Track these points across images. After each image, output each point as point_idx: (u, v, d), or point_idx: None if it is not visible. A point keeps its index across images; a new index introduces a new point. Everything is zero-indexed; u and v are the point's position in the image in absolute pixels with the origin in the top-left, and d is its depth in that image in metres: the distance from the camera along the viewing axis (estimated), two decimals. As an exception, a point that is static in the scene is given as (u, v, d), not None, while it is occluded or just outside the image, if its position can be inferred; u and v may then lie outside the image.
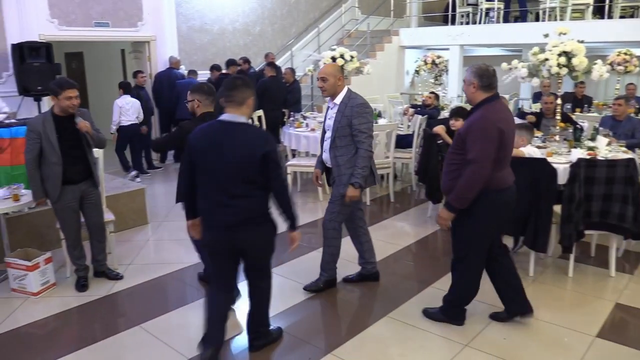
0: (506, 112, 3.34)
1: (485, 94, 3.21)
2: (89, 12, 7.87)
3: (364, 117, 3.74)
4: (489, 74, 3.20)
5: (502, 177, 3.25)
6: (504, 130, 3.14)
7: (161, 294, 4.30)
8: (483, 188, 3.16)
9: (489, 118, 3.14)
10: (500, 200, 3.27)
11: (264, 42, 10.51)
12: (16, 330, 3.66)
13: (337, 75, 3.78)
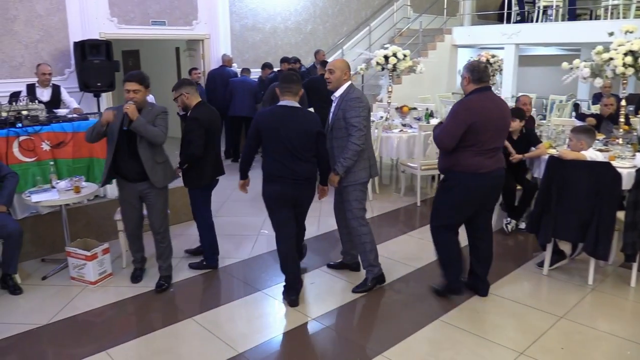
0: (489, 102, 3.61)
1: (475, 86, 3.62)
2: (146, 11, 8.09)
3: (355, 110, 3.83)
4: (479, 69, 3.63)
5: (480, 162, 3.57)
6: (475, 118, 3.49)
7: (212, 288, 4.37)
8: (458, 170, 3.62)
9: (464, 105, 3.60)
10: (474, 183, 3.63)
11: (315, 40, 10.52)
12: (74, 317, 3.80)
13: (344, 70, 3.98)
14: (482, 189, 3.69)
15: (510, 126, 4.05)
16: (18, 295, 4.12)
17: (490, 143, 3.59)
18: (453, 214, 3.80)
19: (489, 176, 3.64)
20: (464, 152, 3.58)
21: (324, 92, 7.79)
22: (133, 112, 3.88)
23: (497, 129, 3.62)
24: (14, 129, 4.65)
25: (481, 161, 3.59)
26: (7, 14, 6.79)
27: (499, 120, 3.62)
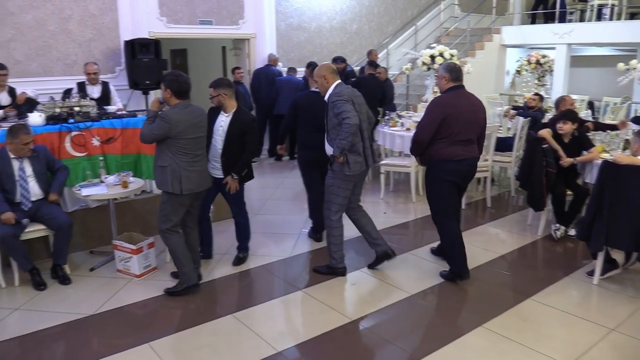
0: (461, 98, 4.04)
1: (452, 84, 4.05)
2: (194, 11, 8.22)
3: (337, 106, 4.06)
4: (456, 70, 4.08)
5: (454, 151, 4.01)
6: (447, 112, 3.95)
7: (253, 285, 4.39)
8: (436, 159, 4.08)
9: (437, 102, 4.11)
10: (448, 167, 4.06)
11: (361, 40, 10.46)
12: (119, 309, 3.89)
13: (322, 75, 4.22)
14: (458, 173, 4.11)
15: (484, 120, 4.24)
16: (67, 286, 4.26)
17: (463, 135, 4.01)
18: (444, 199, 4.19)
19: (463, 163, 4.09)
20: (440, 143, 4.02)
21: (372, 92, 7.78)
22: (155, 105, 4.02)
23: (469, 122, 4.04)
24: (66, 125, 4.80)
25: (455, 150, 4.01)
26: (62, 13, 7.03)
27: (470, 114, 4.05)
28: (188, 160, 3.87)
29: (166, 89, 3.83)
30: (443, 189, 4.15)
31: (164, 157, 3.89)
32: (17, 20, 6.74)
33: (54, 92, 5.85)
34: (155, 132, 3.82)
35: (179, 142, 3.81)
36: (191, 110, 3.89)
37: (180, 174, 3.84)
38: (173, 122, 3.76)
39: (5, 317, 3.79)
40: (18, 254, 4.16)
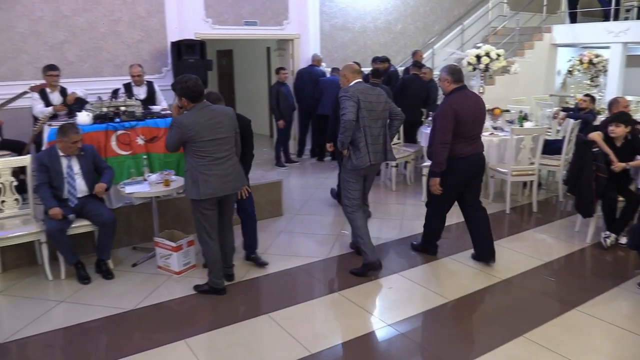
0: (466, 99, 4.31)
1: (455, 85, 4.30)
2: (239, 12, 8.32)
3: (341, 103, 4.30)
4: (458, 72, 4.35)
5: (462, 148, 4.28)
6: (459, 112, 4.19)
7: (290, 285, 4.39)
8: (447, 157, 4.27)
9: (448, 103, 4.28)
10: (458, 166, 4.32)
11: (405, 40, 10.34)
12: (158, 304, 3.97)
13: (343, 74, 4.51)
14: (465, 169, 4.38)
15: (485, 116, 4.53)
16: (110, 280, 4.38)
17: (470, 132, 4.32)
18: (448, 194, 4.47)
19: (470, 159, 4.37)
20: (452, 142, 4.26)
21: (416, 92, 7.68)
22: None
23: (475, 119, 4.34)
24: (112, 124, 4.94)
25: (462, 147, 4.30)
26: (112, 15, 7.25)
27: (476, 112, 4.34)
28: (205, 163, 3.80)
29: (180, 97, 3.81)
30: (451, 184, 4.42)
31: (186, 161, 3.91)
32: (71, 22, 6.99)
33: (102, 92, 6.04)
34: (172, 139, 3.82)
35: (195, 145, 3.77)
36: (207, 112, 3.82)
37: (197, 178, 3.80)
38: (184, 126, 3.73)
39: (51, 309, 3.93)
40: (64, 248, 4.30)
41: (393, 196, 6.79)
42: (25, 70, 6.73)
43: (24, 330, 3.61)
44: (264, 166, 7.87)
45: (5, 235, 4.20)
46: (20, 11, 6.65)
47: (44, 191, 4.28)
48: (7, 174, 4.43)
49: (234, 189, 4.02)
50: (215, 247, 4.06)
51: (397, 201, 6.56)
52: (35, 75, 6.39)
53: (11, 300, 4.07)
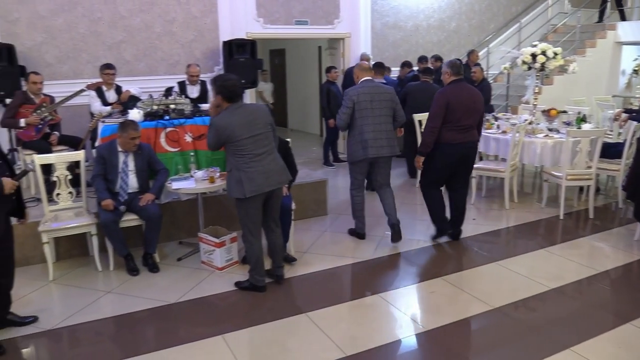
0: (461, 90, 4.74)
1: (453, 78, 4.76)
2: (290, 11, 8.37)
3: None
4: (457, 66, 4.79)
5: (452, 136, 4.72)
6: (451, 101, 4.65)
7: (330, 285, 4.36)
8: (438, 141, 4.74)
9: (442, 92, 4.76)
10: (448, 150, 4.77)
11: (459, 38, 10.10)
12: (200, 299, 4.03)
13: (355, 73, 5.09)
14: (456, 155, 4.80)
15: (480, 109, 4.84)
16: (155, 273, 4.49)
17: (462, 121, 4.71)
18: (436, 173, 4.96)
19: (461, 146, 4.77)
20: (443, 129, 4.72)
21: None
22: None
23: (467, 110, 4.71)
24: (162, 121, 5.07)
25: (454, 135, 4.73)
26: (167, 16, 7.45)
27: (469, 103, 4.72)
28: (247, 160, 3.82)
29: (216, 95, 3.83)
30: (438, 166, 4.89)
31: (228, 162, 3.95)
32: (128, 23, 7.24)
33: (156, 91, 6.21)
34: (211, 140, 3.88)
35: (234, 145, 3.80)
36: (242, 110, 3.84)
37: (240, 177, 3.82)
38: (220, 127, 3.77)
39: (99, 298, 4.07)
40: (116, 240, 4.45)
41: (441, 198, 6.64)
42: (85, 69, 7.03)
43: (73, 318, 3.76)
44: (311, 165, 7.88)
45: (59, 226, 4.39)
46: (81, 12, 6.95)
47: (98, 182, 4.45)
48: (62, 168, 4.62)
49: (278, 183, 4.01)
50: (258, 245, 4.07)
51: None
52: (94, 74, 6.65)
53: (62, 289, 4.25)
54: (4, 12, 6.54)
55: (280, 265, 4.29)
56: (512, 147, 6.00)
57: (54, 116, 5.55)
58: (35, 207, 4.95)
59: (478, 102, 4.80)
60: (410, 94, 7.22)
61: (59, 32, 6.86)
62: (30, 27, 6.71)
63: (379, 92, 4.88)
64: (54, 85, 6.50)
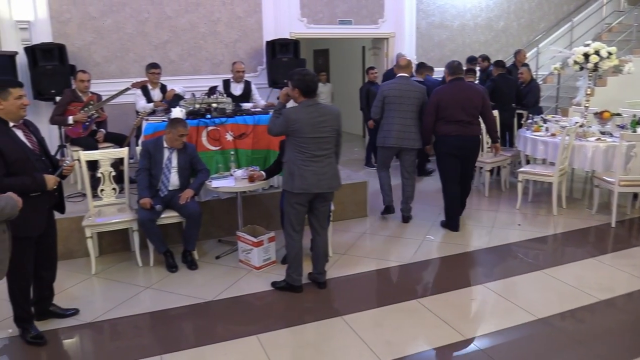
0: (455, 88, 5.18)
1: (451, 77, 5.25)
2: (334, 11, 8.33)
3: None
4: (454, 66, 5.26)
5: (448, 128, 5.13)
6: (442, 98, 5.14)
7: (368, 288, 4.28)
8: (438, 134, 5.26)
9: (435, 91, 5.29)
10: (445, 142, 5.20)
11: (507, 38, 9.82)
12: (236, 298, 4.03)
13: (394, 69, 5.83)
14: (453, 145, 5.16)
15: (477, 105, 5.16)
16: (194, 271, 4.53)
17: (455, 116, 5.10)
18: (444, 167, 5.33)
19: (457, 138, 5.13)
20: (439, 122, 5.19)
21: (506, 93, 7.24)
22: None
23: (460, 106, 5.10)
24: (203, 120, 5.11)
25: (449, 128, 5.13)
26: (212, 16, 7.54)
27: (463, 101, 5.11)
28: (304, 159, 3.82)
29: (294, 87, 3.83)
30: (444, 159, 5.29)
31: (286, 153, 3.96)
32: (174, 23, 7.36)
33: (200, 90, 6.28)
34: (276, 128, 3.93)
35: (297, 140, 3.82)
36: (314, 109, 3.83)
37: (294, 172, 3.84)
38: (289, 119, 3.79)
39: (138, 293, 4.13)
40: (154, 237, 4.51)
41: (485, 202, 6.45)
42: (131, 69, 7.18)
43: (113, 311, 3.83)
44: (352, 166, 7.80)
45: (102, 221, 4.48)
46: (129, 13, 7.11)
47: (142, 178, 4.53)
48: (106, 164, 4.72)
49: (329, 187, 3.96)
50: (299, 241, 4.05)
51: (489, 207, 6.22)
52: (140, 73, 6.78)
53: (104, 283, 4.34)
54: (56, 13, 6.76)
55: (322, 272, 4.21)
56: (562, 151, 5.76)
57: (100, 114, 5.69)
58: (81, 202, 5.09)
59: (475, 99, 5.17)
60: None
61: (108, 33, 7.04)
62: (81, 27, 6.91)
63: (409, 89, 5.41)
64: (101, 84, 6.68)
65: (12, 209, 2.67)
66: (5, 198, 2.66)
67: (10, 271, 3.28)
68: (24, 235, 3.24)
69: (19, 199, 2.76)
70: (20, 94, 3.21)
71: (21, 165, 3.19)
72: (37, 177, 3.23)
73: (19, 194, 3.11)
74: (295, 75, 3.85)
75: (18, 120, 3.27)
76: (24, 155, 3.22)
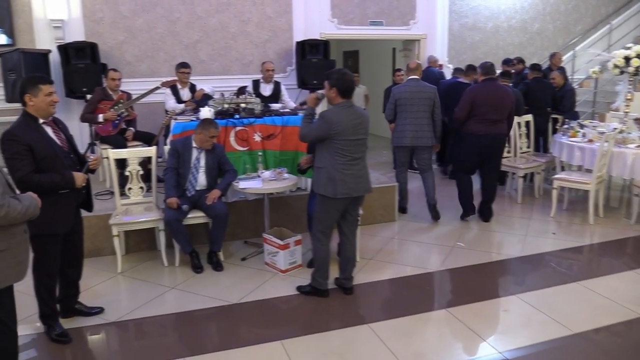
0: (488, 89, 5.42)
1: (484, 77, 5.49)
2: (365, 12, 8.23)
3: None
4: (487, 67, 5.50)
5: (477, 127, 5.40)
6: (476, 97, 5.37)
7: (396, 296, 4.17)
8: (466, 132, 5.54)
9: (470, 90, 5.59)
10: (474, 139, 5.46)
11: (542, 40, 9.57)
12: (262, 301, 3.97)
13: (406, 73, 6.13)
14: (481, 144, 5.47)
15: (508, 106, 5.45)
16: (219, 272, 4.49)
17: (486, 115, 5.38)
18: (465, 160, 5.70)
19: (485, 136, 5.42)
20: (470, 120, 5.46)
21: (540, 98, 7.03)
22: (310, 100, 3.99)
23: (492, 106, 5.37)
24: (232, 120, 5.08)
25: (479, 126, 5.41)
26: (242, 16, 7.53)
27: (496, 100, 5.38)
28: (345, 162, 3.71)
29: (331, 87, 3.71)
30: (466, 153, 5.62)
31: (321, 158, 3.79)
32: (204, 23, 7.37)
33: (229, 90, 6.26)
34: (314, 132, 3.76)
35: (338, 144, 3.68)
36: (352, 111, 3.73)
37: (335, 177, 3.71)
38: (332, 122, 3.65)
39: (164, 293, 4.11)
40: (180, 237, 4.49)
41: (518, 209, 6.26)
42: (162, 68, 7.22)
43: (137, 311, 3.81)
44: (381, 169, 7.67)
45: (129, 220, 4.48)
46: (161, 13, 7.15)
47: (169, 177, 4.51)
48: (134, 163, 4.72)
49: (365, 190, 3.90)
50: (328, 246, 3.96)
51: (521, 215, 6.03)
52: (170, 72, 6.81)
53: (129, 282, 4.34)
54: (89, 12, 6.83)
55: (349, 277, 4.12)
56: (600, 158, 5.55)
57: (130, 112, 5.71)
58: (109, 200, 5.10)
59: (506, 98, 5.45)
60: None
61: (139, 32, 7.09)
62: (113, 26, 6.97)
63: (420, 90, 5.64)
64: (132, 82, 6.72)
65: (34, 208, 2.66)
66: (28, 198, 2.65)
67: (36, 268, 3.32)
68: (51, 232, 3.24)
69: (38, 199, 2.74)
70: (50, 90, 3.21)
71: (50, 162, 3.18)
72: (66, 175, 3.22)
73: (48, 191, 3.13)
74: (333, 75, 3.73)
75: (48, 117, 3.27)
76: (53, 152, 3.21)
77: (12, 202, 2.48)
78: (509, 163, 6.53)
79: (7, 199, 2.47)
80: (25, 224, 2.67)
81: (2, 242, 2.53)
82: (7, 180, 2.58)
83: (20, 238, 2.64)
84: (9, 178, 2.61)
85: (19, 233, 2.63)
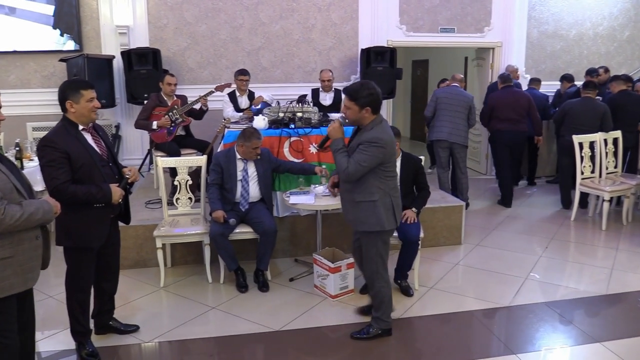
0: (506, 94, 6.54)
1: (503, 85, 6.65)
2: (436, 18, 7.76)
3: None
4: (505, 77, 6.69)
5: (500, 125, 6.50)
6: (496, 102, 6.54)
7: (457, 333, 3.66)
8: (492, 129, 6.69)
9: (491, 97, 6.84)
10: (498, 135, 6.59)
11: (633, 49, 8.69)
12: (310, 329, 3.62)
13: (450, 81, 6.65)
14: (505, 138, 6.51)
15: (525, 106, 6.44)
16: (264, 293, 4.19)
17: (505, 114, 6.42)
18: (497, 155, 6.72)
19: (508, 132, 6.46)
20: (493, 120, 6.55)
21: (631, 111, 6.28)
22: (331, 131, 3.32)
23: (510, 107, 6.42)
24: (287, 130, 4.79)
25: (502, 124, 6.47)
26: (306, 23, 7.27)
27: (513, 103, 6.43)
28: (395, 184, 3.29)
29: (362, 107, 3.10)
30: (498, 150, 6.66)
31: (369, 191, 3.21)
32: (267, 29, 7.18)
33: (290, 98, 5.98)
34: (368, 164, 3.12)
35: (388, 165, 3.21)
36: (388, 125, 3.30)
37: (392, 203, 3.25)
38: (388, 143, 3.14)
39: (204, 313, 3.87)
40: (225, 254, 4.23)
41: (602, 237, 5.57)
42: (223, 75, 7.08)
43: (174, 331, 3.58)
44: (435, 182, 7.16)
45: (173, 232, 4.27)
46: (224, 19, 7.02)
47: (212, 191, 4.27)
48: (183, 172, 4.52)
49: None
50: (390, 283, 3.51)
51: (606, 244, 5.35)
52: (231, 79, 6.62)
53: (170, 298, 4.12)
54: (154, 19, 6.81)
55: None
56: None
57: (184, 118, 5.55)
58: (158, 210, 4.94)
59: (522, 101, 6.48)
60: (568, 112, 6.30)
61: (202, 38, 7.00)
62: (177, 32, 6.91)
63: (459, 96, 6.19)
64: (194, 89, 6.59)
65: (44, 214, 2.44)
66: (37, 203, 2.45)
67: (69, 282, 3.15)
68: (85, 246, 3.06)
69: (56, 203, 2.55)
70: (92, 96, 3.04)
71: (87, 171, 3.00)
72: (104, 188, 3.02)
73: (82, 203, 2.95)
74: (362, 92, 3.10)
75: (88, 124, 3.10)
76: (91, 160, 3.03)
77: (8, 209, 2.29)
78: (593, 185, 5.86)
79: (3, 204, 2.28)
80: (37, 230, 2.47)
81: (7, 249, 2.35)
82: (14, 184, 2.40)
83: (29, 245, 2.44)
84: (16, 183, 2.42)
85: (28, 240, 2.43)
